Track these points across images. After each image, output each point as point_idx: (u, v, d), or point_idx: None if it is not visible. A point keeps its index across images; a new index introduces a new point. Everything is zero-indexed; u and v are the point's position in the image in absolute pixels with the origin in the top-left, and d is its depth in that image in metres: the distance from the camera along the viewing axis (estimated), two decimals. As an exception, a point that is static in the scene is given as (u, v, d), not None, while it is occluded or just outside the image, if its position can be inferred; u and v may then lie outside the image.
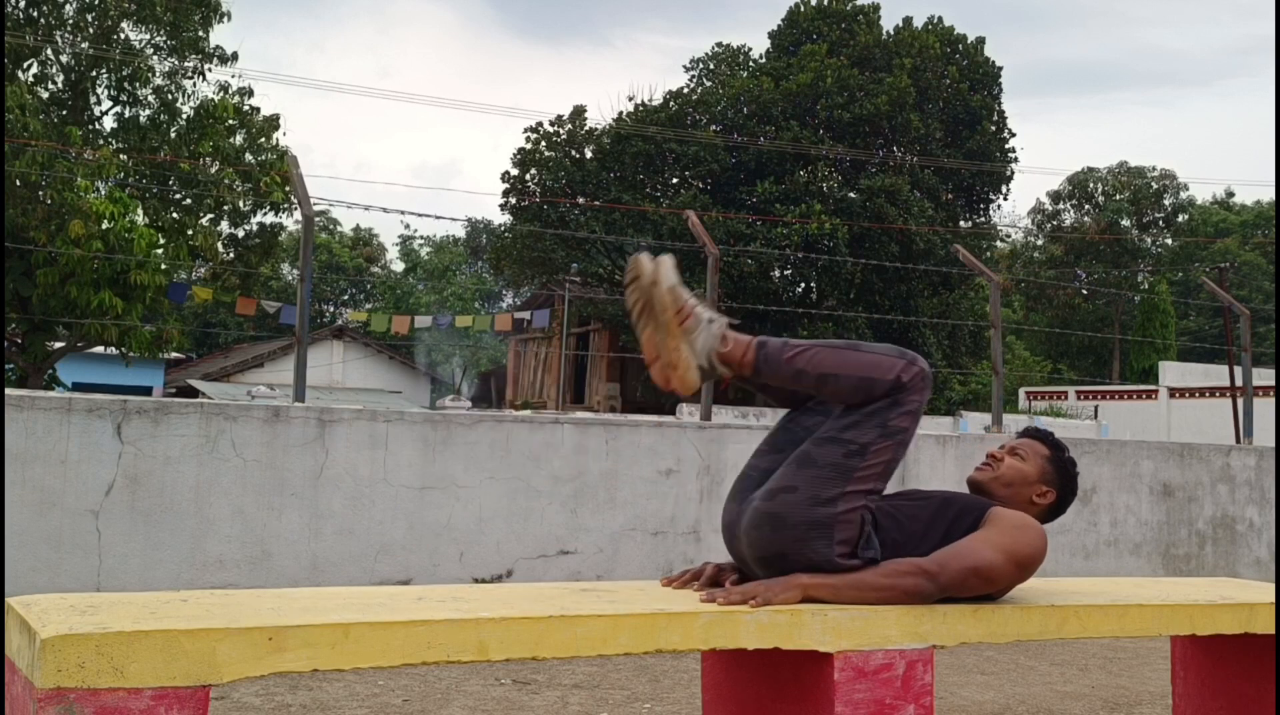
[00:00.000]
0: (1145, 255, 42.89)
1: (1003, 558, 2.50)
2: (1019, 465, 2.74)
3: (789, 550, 2.45)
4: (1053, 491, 2.76)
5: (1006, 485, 2.72)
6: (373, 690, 4.31)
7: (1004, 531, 2.53)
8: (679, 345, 2.49)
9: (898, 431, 2.48)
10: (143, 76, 21.07)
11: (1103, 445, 8.07)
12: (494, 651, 2.11)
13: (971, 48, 28.12)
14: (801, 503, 2.44)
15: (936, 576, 2.45)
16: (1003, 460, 2.75)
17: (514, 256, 27.60)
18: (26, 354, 18.29)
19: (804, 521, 2.43)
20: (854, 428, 2.47)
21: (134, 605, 2.08)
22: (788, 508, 2.44)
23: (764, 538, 2.47)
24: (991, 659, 5.37)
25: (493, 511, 6.24)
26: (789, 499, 2.45)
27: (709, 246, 7.25)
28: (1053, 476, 2.76)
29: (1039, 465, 2.75)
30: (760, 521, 2.48)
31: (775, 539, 2.46)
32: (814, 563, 2.45)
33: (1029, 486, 2.73)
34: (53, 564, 5.38)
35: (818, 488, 2.44)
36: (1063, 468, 2.78)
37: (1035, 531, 2.57)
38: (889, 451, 2.48)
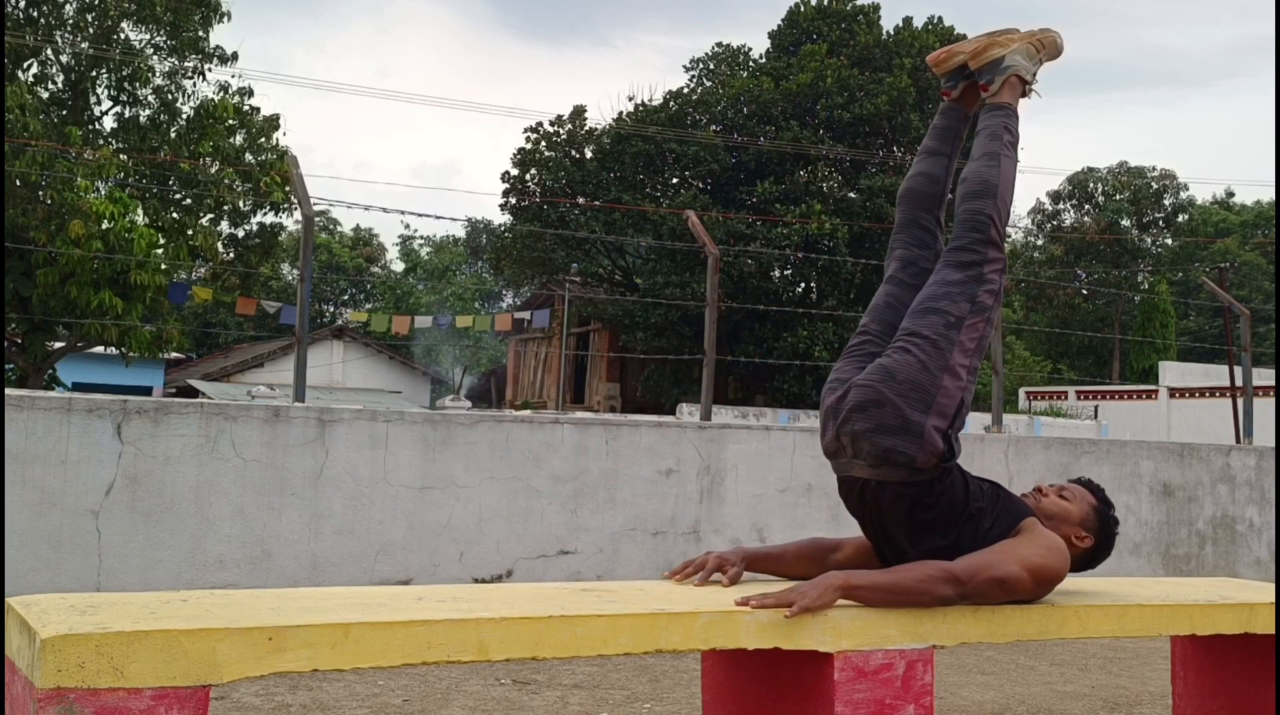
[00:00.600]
0: (1145, 255, 42.88)
1: (1029, 576, 2.56)
2: (1064, 505, 2.80)
3: (890, 398, 2.59)
4: (1091, 538, 2.80)
5: (1048, 517, 2.76)
6: (373, 690, 4.31)
7: (1035, 550, 2.58)
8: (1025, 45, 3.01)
9: (984, 308, 2.71)
10: (143, 76, 21.07)
11: (1103, 445, 8.07)
12: (494, 651, 2.11)
13: (971, 48, 28.09)
14: (913, 364, 2.62)
15: (965, 585, 2.50)
16: (1048, 496, 2.82)
17: (514, 256, 27.59)
18: (26, 354, 18.29)
19: (911, 380, 2.61)
20: (947, 299, 2.70)
21: (134, 605, 2.08)
22: (901, 365, 2.63)
23: (873, 385, 2.63)
24: (991, 659, 5.37)
25: (493, 511, 6.24)
26: (903, 358, 2.64)
27: (709, 246, 7.25)
28: (1094, 525, 2.81)
29: (1083, 510, 2.81)
30: (876, 370, 2.66)
31: (883, 388, 2.61)
32: (907, 420, 2.57)
33: (1069, 526, 2.78)
34: (53, 564, 5.38)
35: (926, 354, 2.63)
36: (1105, 521, 2.83)
37: (1063, 557, 2.63)
38: (979, 327, 2.70)
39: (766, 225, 23.98)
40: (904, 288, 2.88)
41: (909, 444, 2.55)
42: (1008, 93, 2.95)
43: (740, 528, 6.78)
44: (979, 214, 2.78)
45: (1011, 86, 2.95)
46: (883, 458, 2.58)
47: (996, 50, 2.96)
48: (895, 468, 2.57)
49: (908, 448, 2.55)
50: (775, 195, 24.56)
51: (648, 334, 25.23)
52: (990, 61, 2.96)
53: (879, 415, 2.58)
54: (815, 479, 6.97)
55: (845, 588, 2.43)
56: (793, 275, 26.56)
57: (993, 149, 2.86)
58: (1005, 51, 2.95)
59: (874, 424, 2.58)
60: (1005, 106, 2.93)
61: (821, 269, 24.66)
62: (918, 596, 2.48)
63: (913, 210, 3.00)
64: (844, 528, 6.72)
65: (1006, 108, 2.93)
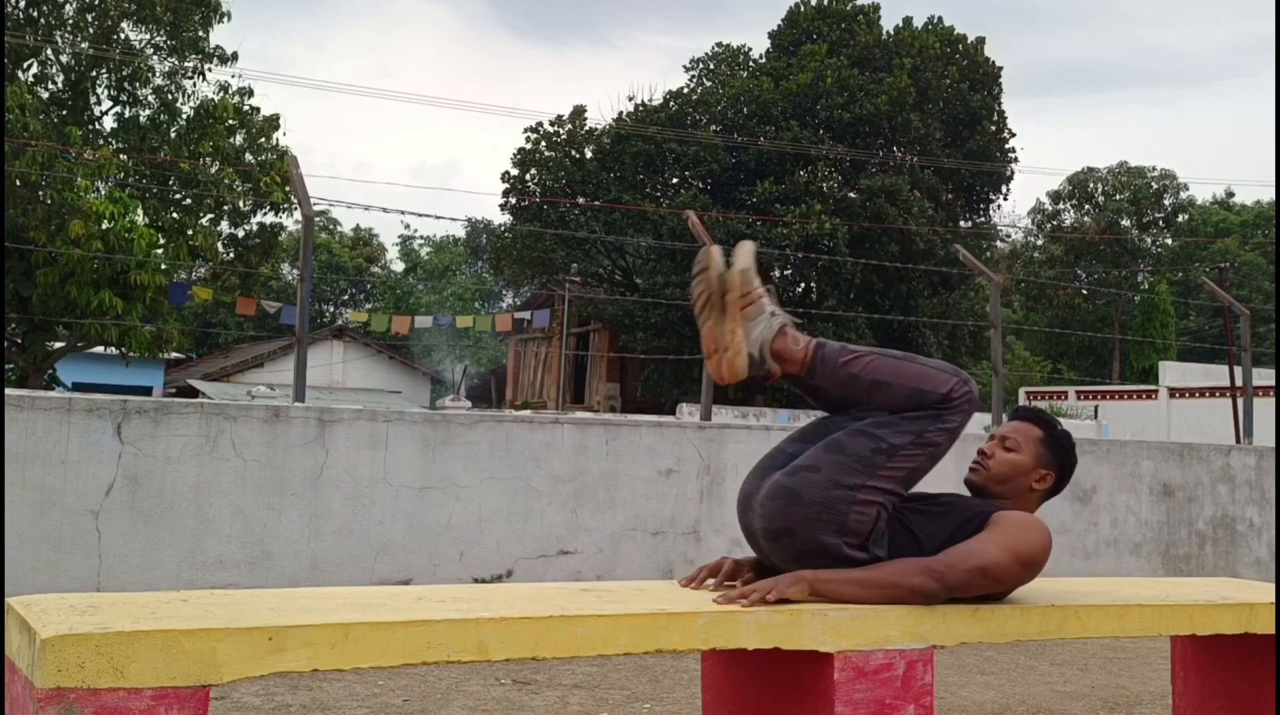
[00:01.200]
0: (1145, 255, 42.89)
1: (1008, 557, 2.49)
2: (1012, 457, 2.69)
3: (799, 527, 2.44)
4: (1051, 473, 2.71)
5: (1001, 481, 2.69)
6: (373, 690, 4.31)
7: (1008, 531, 2.52)
8: (736, 328, 2.51)
9: (931, 444, 2.49)
10: (143, 76, 21.08)
11: (1103, 445, 8.07)
12: (494, 651, 2.11)
13: (971, 48, 28.14)
14: (821, 483, 2.43)
15: (943, 576, 2.45)
16: (993, 455, 2.71)
17: (514, 256, 27.60)
18: (26, 354, 18.29)
19: (819, 501, 2.43)
20: (889, 427, 2.48)
21: (134, 605, 2.08)
22: (807, 486, 2.44)
23: (778, 511, 2.47)
24: (991, 659, 5.37)
25: (493, 511, 6.24)
26: (810, 477, 2.45)
27: (708, 246, 7.25)
28: (1049, 457, 2.71)
29: (1033, 451, 2.70)
30: (778, 493, 2.48)
31: (789, 513, 2.45)
32: (821, 546, 2.44)
33: (1025, 476, 2.69)
34: (53, 564, 5.38)
35: (840, 473, 2.44)
36: (1057, 445, 2.72)
37: (1039, 529, 2.56)
38: (917, 460, 2.49)
39: (766, 225, 23.98)
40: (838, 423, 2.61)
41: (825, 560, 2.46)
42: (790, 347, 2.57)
43: (740, 528, 6.77)
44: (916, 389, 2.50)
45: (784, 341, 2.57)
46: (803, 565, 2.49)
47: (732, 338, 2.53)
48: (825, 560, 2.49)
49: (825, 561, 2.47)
50: (775, 195, 24.56)
51: (648, 334, 25.24)
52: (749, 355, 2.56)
53: (794, 544, 2.47)
54: (815, 479, 6.96)
55: (813, 581, 2.41)
56: (793, 275, 26.57)
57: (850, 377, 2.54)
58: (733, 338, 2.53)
59: (793, 552, 2.48)
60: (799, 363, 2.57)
61: (821, 269, 24.67)
62: (891, 590, 2.44)
63: None
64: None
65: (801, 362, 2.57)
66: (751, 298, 2.52)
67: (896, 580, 2.44)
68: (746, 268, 2.52)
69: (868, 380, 2.51)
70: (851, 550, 2.45)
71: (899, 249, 24.62)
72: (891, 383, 2.50)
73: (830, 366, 2.54)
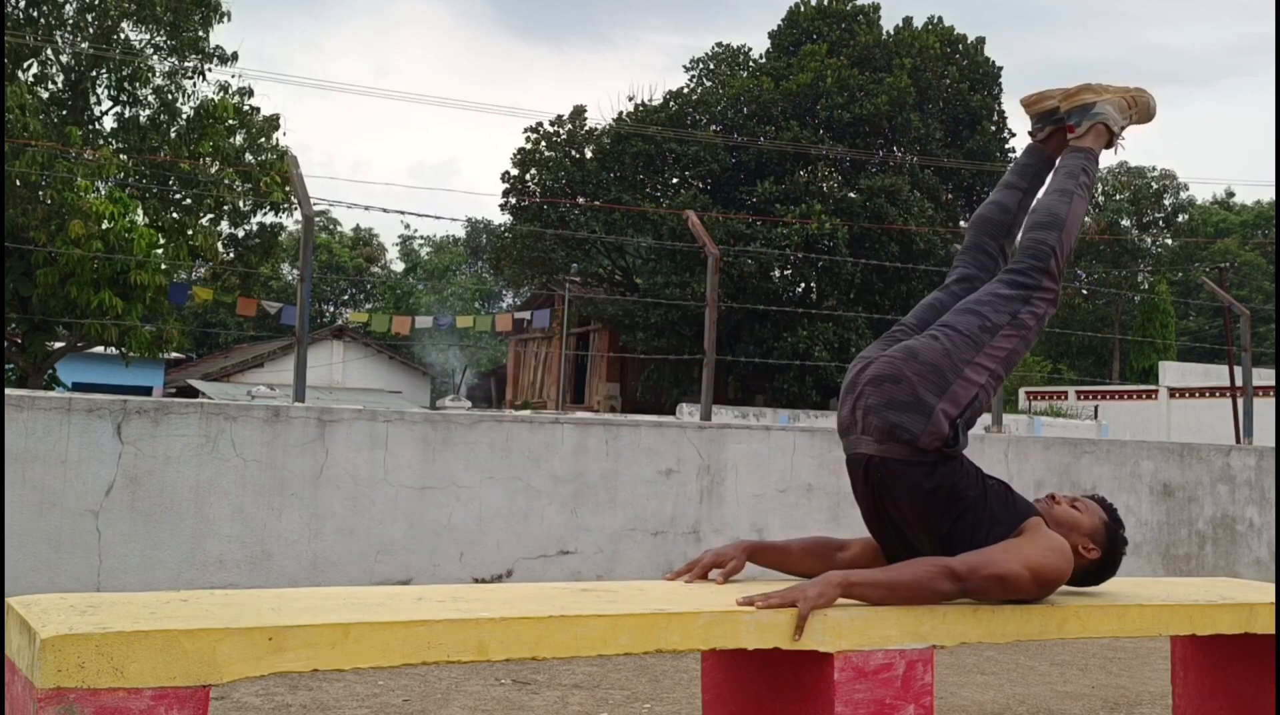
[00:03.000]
0: (1145, 255, 42.88)
1: (1029, 575, 2.55)
2: (1076, 515, 2.80)
3: (907, 376, 2.62)
4: (1098, 551, 2.81)
5: (1058, 524, 2.76)
6: (373, 690, 4.31)
7: (1038, 549, 2.58)
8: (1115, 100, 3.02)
9: (1023, 326, 2.73)
10: (143, 76, 21.07)
11: (1103, 445, 8.07)
12: (494, 651, 2.11)
13: (971, 48, 28.13)
14: (938, 350, 2.66)
15: (965, 581, 2.50)
16: (1061, 504, 2.81)
17: (514, 256, 27.60)
18: (26, 354, 18.29)
19: (933, 363, 2.64)
20: (990, 307, 2.73)
21: (134, 605, 2.08)
22: (925, 347, 2.67)
23: (895, 360, 2.67)
24: (991, 659, 5.37)
25: (493, 511, 6.24)
26: (930, 343, 2.69)
27: (709, 246, 7.25)
28: (1103, 539, 2.81)
29: (1094, 523, 2.81)
30: (899, 350, 2.70)
31: (903, 364, 2.65)
32: (918, 401, 2.59)
33: (1077, 536, 2.77)
34: (53, 564, 5.37)
35: (954, 345, 2.67)
36: (1114, 537, 2.83)
37: (1064, 557, 2.62)
38: (1013, 342, 2.72)
39: (766, 225, 23.98)
40: (952, 297, 2.92)
41: (915, 422, 2.57)
42: (1092, 138, 2.98)
43: (740, 528, 6.78)
44: (1042, 243, 2.81)
45: (1098, 133, 2.98)
46: (888, 433, 2.60)
47: (1089, 96, 3.00)
48: (898, 445, 2.59)
49: (913, 425, 2.57)
50: (775, 195, 24.56)
51: (648, 334, 25.24)
52: (1081, 105, 3.00)
53: (893, 390, 2.61)
54: (815, 479, 6.97)
55: (844, 585, 2.44)
56: (793, 275, 26.55)
57: (1067, 187, 2.90)
58: (1098, 99, 2.99)
59: (886, 398, 2.61)
60: (1087, 150, 2.97)
61: (821, 269, 24.66)
62: (916, 592, 2.48)
63: (979, 235, 3.03)
64: (844, 528, 6.72)
65: (1088, 151, 2.97)
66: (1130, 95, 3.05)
67: (923, 584, 2.49)
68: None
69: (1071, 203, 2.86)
70: (944, 416, 2.59)
71: (899, 249, 24.61)
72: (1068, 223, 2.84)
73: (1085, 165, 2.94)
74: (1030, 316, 2.74)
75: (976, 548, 2.56)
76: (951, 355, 2.65)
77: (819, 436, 7.09)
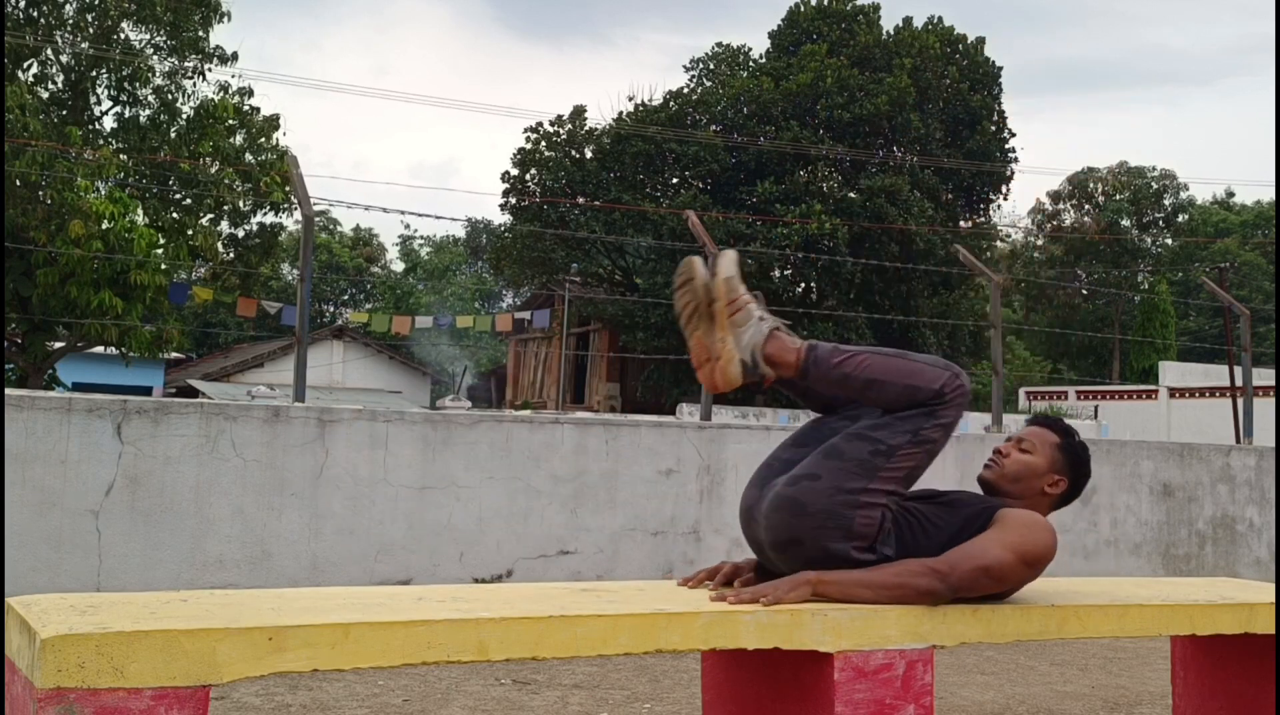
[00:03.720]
0: (1145, 255, 42.88)
1: (1012, 556, 2.50)
2: (1027, 458, 2.72)
3: (805, 537, 2.45)
4: (1064, 479, 2.74)
5: (1014, 480, 2.70)
6: (373, 690, 4.31)
7: (1013, 530, 2.53)
8: (725, 337, 2.49)
9: (928, 441, 2.49)
10: (143, 76, 21.08)
11: (1103, 445, 8.07)
12: (494, 651, 2.11)
13: (971, 48, 28.14)
14: (824, 491, 2.44)
15: (947, 576, 2.46)
16: (1009, 455, 2.73)
17: (514, 256, 27.61)
18: (26, 354, 18.29)
19: (824, 510, 2.43)
20: (885, 429, 2.48)
21: (134, 605, 2.08)
22: (809, 495, 2.45)
23: (782, 522, 2.47)
24: (991, 659, 5.37)
25: (493, 511, 6.24)
26: (812, 486, 2.45)
27: (709, 246, 7.25)
28: (1063, 464, 2.73)
29: (1048, 455, 2.73)
30: (780, 505, 2.48)
31: (794, 524, 2.46)
32: (829, 553, 2.45)
33: (1039, 478, 2.71)
34: (53, 564, 5.37)
35: (841, 479, 2.44)
36: (1073, 453, 2.75)
37: (1044, 529, 2.57)
38: (916, 458, 2.49)
39: (766, 225, 23.98)
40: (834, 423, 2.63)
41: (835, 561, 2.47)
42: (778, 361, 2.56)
43: (740, 528, 6.77)
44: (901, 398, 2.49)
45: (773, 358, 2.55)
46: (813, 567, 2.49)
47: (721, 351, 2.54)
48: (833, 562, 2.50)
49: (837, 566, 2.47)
50: (775, 195, 24.56)
51: (648, 334, 25.24)
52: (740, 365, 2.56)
53: (800, 551, 2.47)
54: (815, 479, 6.96)
55: (815, 582, 2.42)
56: (793, 275, 26.56)
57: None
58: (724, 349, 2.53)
59: (801, 561, 2.48)
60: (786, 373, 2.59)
61: (821, 269, 24.66)
62: (896, 590, 2.44)
63: None
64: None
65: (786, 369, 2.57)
66: (738, 304, 2.50)
67: (901, 581, 2.45)
68: (730, 275, 2.50)
69: (861, 379, 2.50)
70: (859, 554, 2.46)
71: (899, 249, 24.62)
72: (885, 381, 2.49)
73: (823, 368, 2.53)
74: (936, 429, 2.48)
75: None
76: (842, 489, 2.42)
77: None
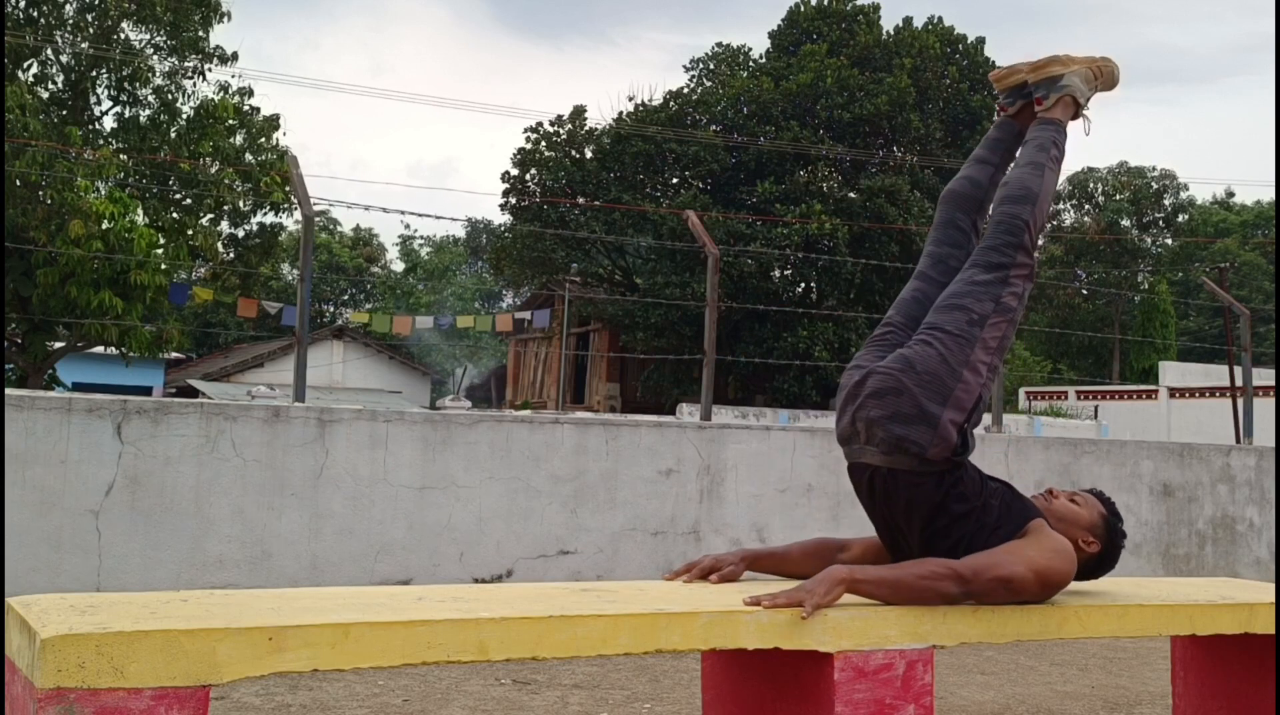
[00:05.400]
0: (1145, 255, 42.87)
1: (1033, 577, 2.56)
2: (1074, 509, 2.81)
3: (909, 387, 2.61)
4: (1098, 545, 2.82)
5: (1059, 519, 2.77)
6: (373, 690, 4.31)
7: (1043, 552, 2.59)
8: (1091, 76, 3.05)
9: (1007, 309, 2.73)
10: (143, 76, 21.07)
11: (1103, 445, 8.07)
12: (494, 651, 2.11)
13: (971, 48, 28.13)
14: (934, 357, 2.65)
15: (969, 583, 2.50)
16: (1059, 499, 2.82)
17: (514, 256, 27.60)
18: (26, 354, 18.29)
19: (931, 372, 2.63)
20: (971, 297, 2.72)
21: (134, 605, 2.08)
22: (921, 356, 2.66)
23: (894, 371, 2.65)
24: (991, 659, 5.37)
25: (493, 511, 6.24)
26: (925, 350, 2.67)
27: (709, 246, 7.25)
28: (1102, 533, 2.82)
29: (1092, 517, 2.82)
30: (897, 359, 2.69)
31: (903, 375, 2.63)
32: (922, 412, 2.59)
33: (1077, 530, 2.78)
34: (53, 564, 5.37)
35: (949, 348, 2.66)
36: (1113, 531, 2.84)
37: (1069, 560, 2.63)
38: (1002, 327, 2.72)
39: (766, 225, 23.98)
40: (931, 284, 2.92)
41: (923, 434, 2.57)
42: (1060, 110, 3.00)
43: (740, 528, 6.78)
44: (1015, 218, 2.81)
45: (1065, 105, 3.00)
46: (895, 446, 2.60)
47: (1056, 68, 3.02)
48: (906, 457, 2.59)
49: (921, 438, 2.57)
50: (775, 195, 24.55)
51: (648, 334, 25.24)
52: (1048, 78, 3.02)
53: (896, 403, 2.60)
54: (815, 479, 6.96)
55: (849, 581, 2.44)
56: (793, 275, 26.56)
57: (1038, 159, 2.91)
58: (1065, 70, 3.01)
59: (890, 411, 2.60)
60: (1056, 122, 2.98)
61: (821, 269, 24.66)
62: (921, 594, 2.48)
63: (951, 211, 3.03)
64: (844, 528, 6.73)
65: (1057, 123, 2.99)
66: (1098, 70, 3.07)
67: (927, 585, 2.49)
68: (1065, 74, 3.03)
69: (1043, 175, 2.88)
70: (951, 425, 2.60)
71: (899, 249, 24.61)
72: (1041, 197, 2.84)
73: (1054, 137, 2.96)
74: (1012, 297, 2.75)
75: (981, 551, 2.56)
76: (948, 359, 2.64)
77: (819, 436, 7.08)
